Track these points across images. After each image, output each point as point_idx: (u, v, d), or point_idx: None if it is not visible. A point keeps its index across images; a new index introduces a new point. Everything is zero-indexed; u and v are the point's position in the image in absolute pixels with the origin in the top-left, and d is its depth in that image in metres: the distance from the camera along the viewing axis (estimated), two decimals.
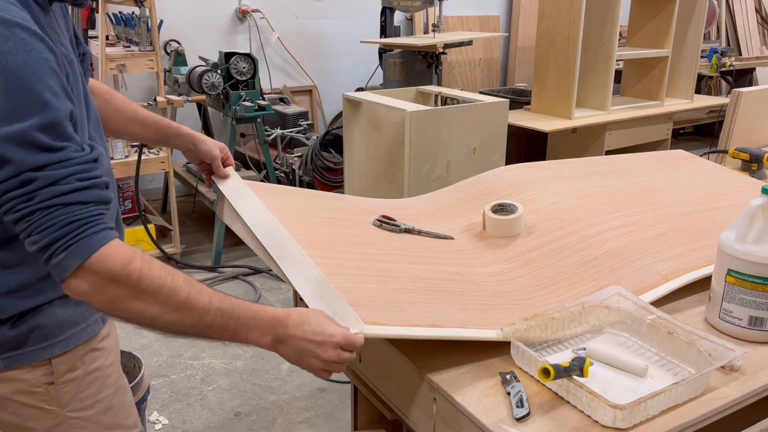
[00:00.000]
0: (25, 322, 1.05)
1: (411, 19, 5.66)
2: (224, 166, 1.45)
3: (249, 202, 1.39)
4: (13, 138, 0.85)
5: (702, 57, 5.22)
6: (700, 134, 6.72)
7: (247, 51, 4.02)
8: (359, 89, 4.87)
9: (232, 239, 3.83)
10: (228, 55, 3.62)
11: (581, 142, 3.89)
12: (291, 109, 4.23)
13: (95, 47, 3.48)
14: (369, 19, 5.14)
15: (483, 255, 1.45)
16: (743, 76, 6.00)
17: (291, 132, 4.06)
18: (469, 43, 4.39)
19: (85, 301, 0.91)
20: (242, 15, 4.85)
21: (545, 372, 0.98)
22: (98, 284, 0.89)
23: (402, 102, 2.70)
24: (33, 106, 0.87)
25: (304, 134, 4.07)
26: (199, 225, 4.33)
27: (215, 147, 1.42)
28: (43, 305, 1.07)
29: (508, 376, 1.06)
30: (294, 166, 3.87)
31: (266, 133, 3.85)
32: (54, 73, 0.90)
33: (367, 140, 2.97)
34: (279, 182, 3.89)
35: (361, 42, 4.55)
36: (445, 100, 3.45)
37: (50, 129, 0.88)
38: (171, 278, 0.93)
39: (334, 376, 1.02)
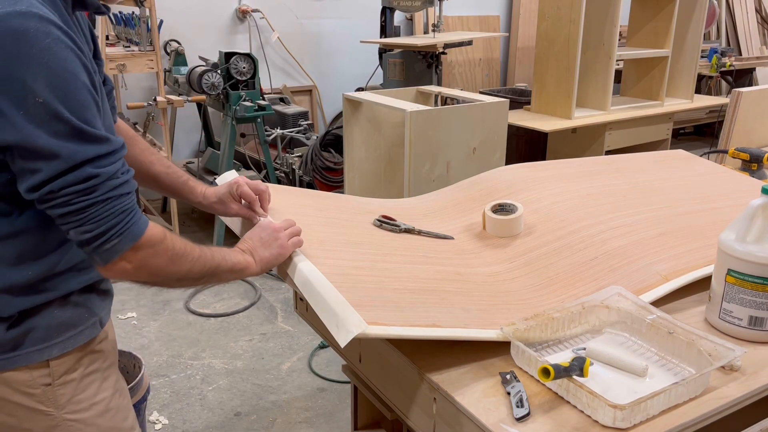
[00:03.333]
0: (23, 322, 1.05)
1: (411, 19, 5.66)
2: (246, 198, 1.40)
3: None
4: (63, 132, 0.91)
5: (702, 57, 5.22)
6: (700, 134, 6.72)
7: (247, 51, 4.02)
8: (359, 89, 4.87)
9: (232, 239, 3.83)
10: (228, 55, 3.63)
11: (581, 142, 3.89)
12: (291, 109, 4.23)
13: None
14: (369, 19, 5.14)
15: (483, 255, 1.45)
16: (743, 76, 6.00)
17: (291, 132, 4.06)
18: (469, 43, 4.38)
19: (125, 279, 1.03)
20: (242, 15, 4.85)
21: (545, 372, 0.98)
22: (144, 259, 1.02)
23: (402, 102, 2.70)
24: (73, 101, 0.92)
25: (304, 134, 4.07)
26: (199, 225, 4.33)
27: (230, 201, 1.39)
28: (42, 306, 1.06)
29: (508, 376, 1.06)
30: (294, 166, 3.87)
31: (266, 133, 3.85)
32: (86, 70, 0.95)
33: (367, 140, 2.97)
34: (279, 182, 3.89)
35: (361, 42, 4.55)
36: (445, 100, 3.45)
37: (90, 121, 0.94)
38: (184, 241, 1.09)
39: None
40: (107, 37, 3.79)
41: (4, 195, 0.99)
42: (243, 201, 1.39)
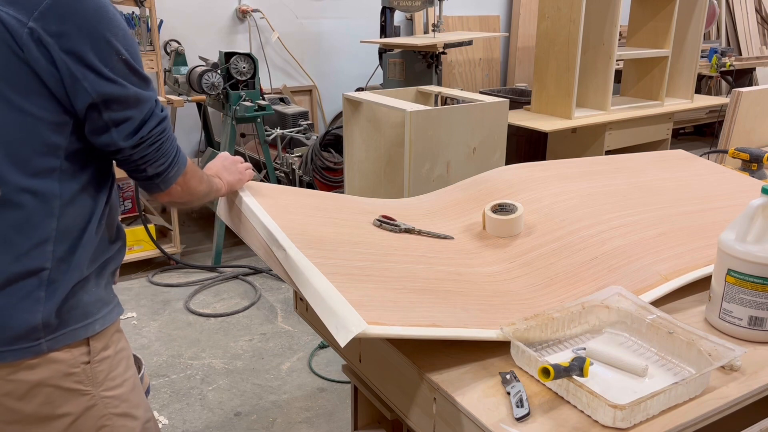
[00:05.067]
0: (69, 299, 1.08)
1: (411, 19, 5.66)
2: None
3: (249, 201, 1.40)
4: (136, 82, 1.08)
5: (702, 57, 5.22)
6: (700, 134, 6.72)
7: (247, 51, 4.02)
8: (359, 89, 4.87)
9: (232, 239, 3.84)
10: (228, 55, 3.62)
11: (581, 142, 3.89)
12: (291, 109, 4.23)
13: None
14: (369, 19, 5.14)
15: (483, 255, 1.45)
16: (743, 76, 6.00)
17: (291, 132, 4.06)
18: (469, 43, 4.38)
19: (173, 200, 1.21)
20: (242, 15, 4.85)
21: (545, 372, 0.98)
22: (187, 182, 1.20)
23: (402, 102, 2.70)
24: (135, 54, 1.09)
25: (304, 134, 4.07)
26: (199, 225, 4.34)
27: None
28: (83, 281, 1.11)
29: (508, 376, 1.06)
30: (294, 166, 3.87)
31: (266, 133, 3.85)
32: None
33: (367, 140, 2.97)
34: (279, 182, 3.89)
35: (361, 42, 4.55)
36: (445, 100, 3.45)
37: (143, 69, 1.12)
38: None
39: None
40: None
41: (70, 154, 1.07)
42: None
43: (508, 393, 1.02)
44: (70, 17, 1.00)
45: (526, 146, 4.20)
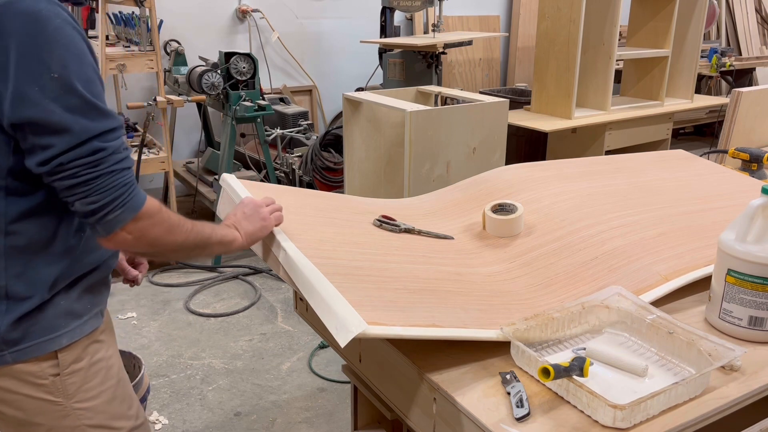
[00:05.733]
0: (32, 313, 1.07)
1: (411, 19, 5.66)
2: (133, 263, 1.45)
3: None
4: (75, 107, 0.96)
5: (702, 57, 5.22)
6: (700, 134, 6.72)
7: (247, 51, 4.02)
8: (359, 89, 4.87)
9: None
10: (228, 55, 3.62)
11: (581, 142, 3.89)
12: (291, 109, 4.23)
13: (95, 47, 3.48)
14: (369, 19, 5.14)
15: (483, 255, 1.45)
16: (743, 76, 6.00)
17: (291, 132, 4.06)
18: (469, 43, 4.38)
19: (125, 248, 1.08)
20: (242, 15, 4.85)
21: (545, 372, 0.98)
22: (144, 230, 1.06)
23: (402, 102, 2.70)
24: (84, 77, 0.98)
25: (304, 134, 4.07)
26: None
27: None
28: (53, 295, 1.09)
29: (508, 376, 1.06)
30: (294, 166, 3.87)
31: (266, 133, 3.85)
32: (90, 51, 1.02)
33: (367, 140, 2.97)
34: (279, 182, 3.89)
35: (361, 42, 4.55)
36: (445, 100, 3.45)
37: (98, 97, 1.00)
38: (178, 215, 1.14)
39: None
40: (107, 37, 3.78)
41: (17, 173, 1.03)
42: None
43: (508, 393, 1.02)
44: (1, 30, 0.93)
45: (526, 146, 4.20)
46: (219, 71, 3.62)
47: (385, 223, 1.50)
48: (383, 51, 4.34)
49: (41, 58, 0.94)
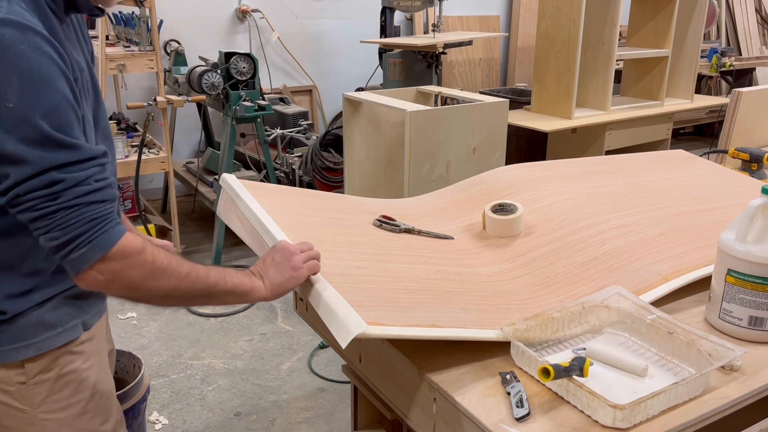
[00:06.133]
0: (1, 322, 1.05)
1: (411, 19, 5.66)
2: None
3: (248, 201, 1.39)
4: (30, 137, 0.90)
5: (702, 57, 5.22)
6: (700, 134, 6.72)
7: (247, 51, 4.02)
8: (359, 89, 4.87)
9: (232, 239, 3.83)
10: (228, 55, 3.62)
11: (581, 142, 3.89)
12: (291, 109, 4.23)
13: (95, 47, 3.48)
14: (369, 19, 5.14)
15: (483, 255, 1.45)
16: (743, 76, 6.00)
17: (291, 132, 4.06)
18: (469, 43, 4.38)
19: (101, 291, 1.01)
20: (242, 15, 4.85)
21: (545, 372, 0.98)
22: (118, 271, 0.97)
23: (402, 102, 2.70)
24: (45, 107, 0.91)
25: (304, 134, 4.07)
26: (199, 225, 4.33)
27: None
28: (27, 308, 1.06)
29: (508, 376, 1.06)
30: (294, 166, 3.87)
31: (266, 133, 3.85)
32: (64, 76, 0.94)
33: (367, 140, 2.97)
34: (279, 182, 3.89)
35: (361, 42, 4.55)
36: (445, 100, 3.45)
37: (62, 128, 0.93)
38: (172, 257, 1.04)
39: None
40: (107, 37, 3.79)
41: None
42: None
43: (508, 393, 1.02)
44: None
45: (526, 146, 4.20)
46: (219, 71, 3.62)
47: (385, 223, 1.50)
48: (383, 51, 4.34)
49: None
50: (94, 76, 1.15)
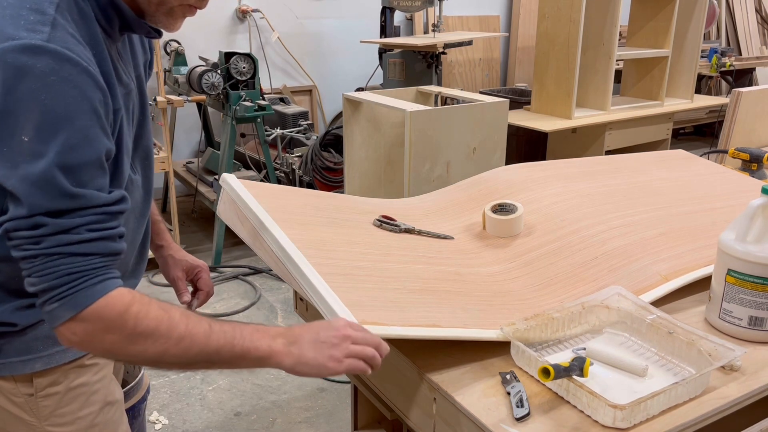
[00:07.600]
0: (10, 334, 1.03)
1: (411, 19, 5.66)
2: (195, 286, 1.36)
3: (248, 200, 1.39)
4: (32, 178, 0.84)
5: (702, 57, 5.22)
6: (700, 134, 6.72)
7: (247, 51, 4.01)
8: (359, 89, 4.87)
9: (232, 239, 3.83)
10: (228, 55, 3.62)
11: (581, 142, 3.89)
12: (291, 109, 4.23)
13: None
14: (369, 19, 5.14)
15: (483, 255, 1.45)
16: (743, 76, 6.00)
17: (291, 132, 4.06)
18: (469, 43, 4.38)
19: (80, 350, 0.92)
20: (242, 15, 4.85)
21: (545, 372, 0.98)
22: (92, 334, 0.88)
23: (402, 102, 2.70)
24: (60, 145, 0.85)
25: (304, 134, 4.07)
26: (199, 225, 4.33)
27: (177, 267, 1.36)
28: (37, 322, 1.05)
29: (508, 376, 1.06)
30: (294, 166, 3.87)
31: (266, 133, 3.85)
32: (93, 112, 0.88)
33: (367, 140, 2.97)
34: (279, 182, 3.89)
35: (361, 42, 4.55)
36: (445, 100, 3.45)
37: (71, 172, 0.87)
38: (167, 315, 0.93)
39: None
40: None
41: None
42: (188, 282, 1.38)
43: (508, 393, 1.02)
44: None
45: (526, 146, 4.20)
46: (219, 71, 3.62)
47: (385, 223, 1.50)
48: (383, 51, 4.34)
49: (18, 116, 0.83)
50: (143, 93, 1.11)
